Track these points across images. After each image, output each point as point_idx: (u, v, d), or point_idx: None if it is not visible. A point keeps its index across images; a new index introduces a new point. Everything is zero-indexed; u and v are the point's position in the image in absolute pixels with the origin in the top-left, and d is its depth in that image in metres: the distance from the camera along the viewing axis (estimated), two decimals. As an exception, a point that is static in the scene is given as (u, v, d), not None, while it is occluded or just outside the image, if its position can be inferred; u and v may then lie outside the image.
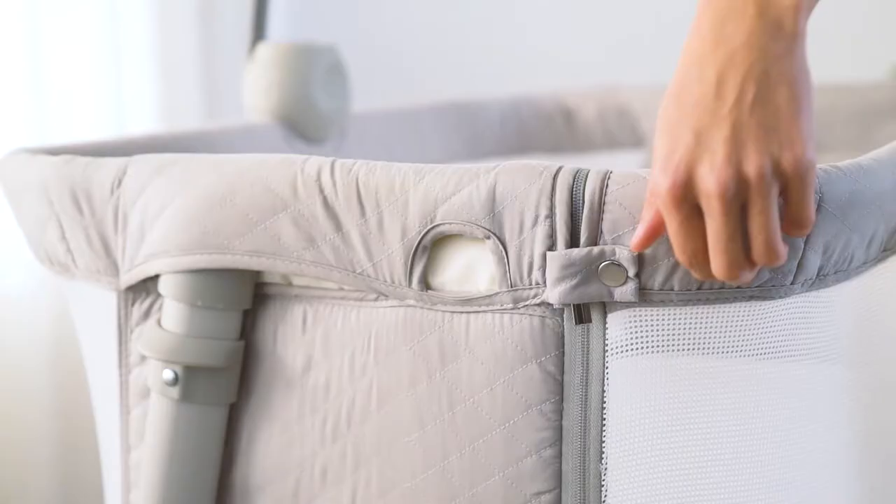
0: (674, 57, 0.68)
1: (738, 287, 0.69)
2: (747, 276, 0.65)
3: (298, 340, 0.79)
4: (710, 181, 0.63)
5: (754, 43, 0.64)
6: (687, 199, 0.64)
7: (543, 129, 1.46)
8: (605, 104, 1.49)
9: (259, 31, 1.17)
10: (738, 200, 0.63)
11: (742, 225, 0.64)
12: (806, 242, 0.69)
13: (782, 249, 0.65)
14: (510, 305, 0.72)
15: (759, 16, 0.65)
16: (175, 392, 0.80)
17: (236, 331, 0.80)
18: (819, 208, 0.68)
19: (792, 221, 0.65)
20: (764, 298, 0.70)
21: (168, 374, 0.80)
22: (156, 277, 0.82)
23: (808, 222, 0.65)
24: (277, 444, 0.80)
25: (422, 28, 2.11)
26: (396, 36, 2.08)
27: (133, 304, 0.83)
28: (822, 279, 0.72)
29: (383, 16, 2.05)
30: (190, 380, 0.80)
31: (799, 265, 0.70)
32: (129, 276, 0.82)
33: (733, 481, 0.72)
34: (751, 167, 0.63)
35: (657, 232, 0.67)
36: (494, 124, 1.42)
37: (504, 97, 1.46)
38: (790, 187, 0.64)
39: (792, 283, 0.70)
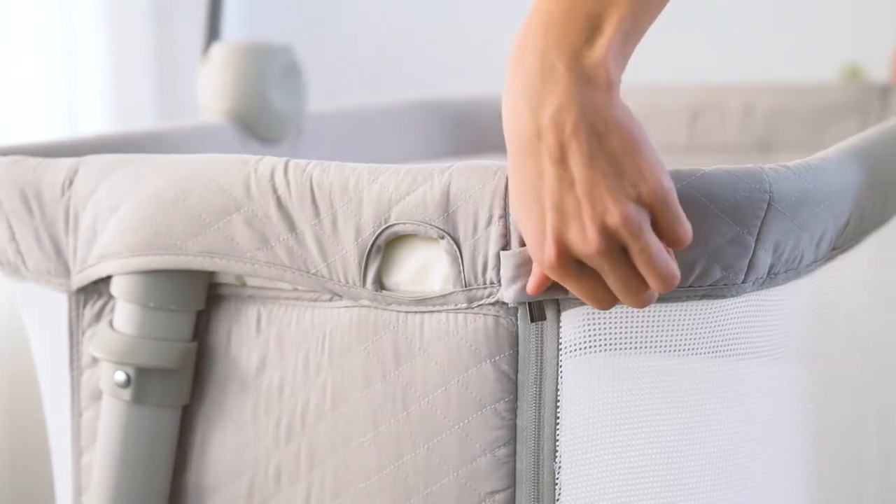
0: (632, 56, 0.68)
1: (690, 287, 0.70)
2: (654, 297, 0.67)
3: (252, 341, 0.79)
4: (584, 245, 0.64)
5: (573, 101, 0.64)
6: (573, 264, 0.66)
7: (500, 129, 1.46)
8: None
9: (213, 31, 1.17)
10: (616, 248, 0.65)
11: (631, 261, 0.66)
12: (756, 241, 0.70)
13: (674, 272, 0.65)
14: (464, 305, 0.72)
15: (569, 71, 0.64)
16: (127, 394, 0.80)
17: (189, 332, 0.80)
18: (769, 207, 0.69)
19: (671, 241, 0.66)
20: (716, 297, 0.71)
21: (120, 376, 0.79)
22: (108, 279, 0.81)
23: (687, 236, 0.66)
24: (231, 446, 0.80)
25: (379, 28, 2.11)
26: (353, 36, 2.08)
27: (85, 306, 0.83)
28: (772, 278, 0.73)
29: (340, 16, 2.05)
30: (142, 382, 0.79)
31: (750, 264, 0.70)
32: (81, 278, 0.82)
33: (685, 479, 0.72)
34: (614, 218, 0.64)
35: (547, 279, 0.69)
36: (452, 124, 1.43)
37: (461, 97, 1.46)
38: (657, 216, 0.65)
39: (743, 282, 0.71)
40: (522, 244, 0.70)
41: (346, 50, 2.03)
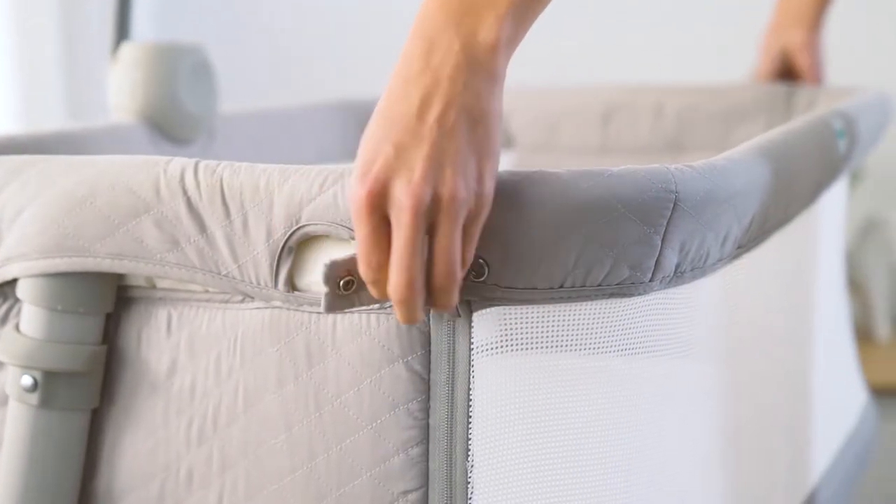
0: (544, 58, 0.70)
1: (598, 286, 0.71)
2: (417, 310, 0.67)
3: (163, 344, 0.79)
4: (405, 194, 0.65)
5: (458, 77, 0.67)
6: (379, 209, 0.66)
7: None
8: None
9: (122, 30, 1.15)
10: (427, 219, 0.65)
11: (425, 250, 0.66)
12: (663, 241, 0.71)
13: (457, 273, 0.66)
14: (377, 305, 0.72)
15: (464, 51, 0.67)
16: (34, 398, 0.78)
17: (98, 335, 0.79)
18: (675, 207, 0.70)
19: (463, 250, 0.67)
20: (624, 296, 0.72)
21: (27, 380, 0.78)
22: (14, 281, 0.80)
23: (467, 261, 0.67)
24: (142, 449, 0.79)
25: (294, 28, 2.10)
26: (267, 36, 2.07)
27: (-10, 309, 0.82)
28: (679, 276, 0.74)
29: (253, 16, 2.04)
30: (50, 385, 0.78)
31: (657, 263, 0.71)
32: (-14, 281, 0.80)
33: (597, 478, 0.73)
34: (446, 189, 0.65)
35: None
36: (366, 125, 1.42)
37: (375, 98, 1.46)
38: (468, 223, 0.66)
39: (650, 281, 0.72)
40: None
41: (260, 50, 2.02)
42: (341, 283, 0.69)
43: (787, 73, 1.41)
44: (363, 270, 0.67)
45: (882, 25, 2.11)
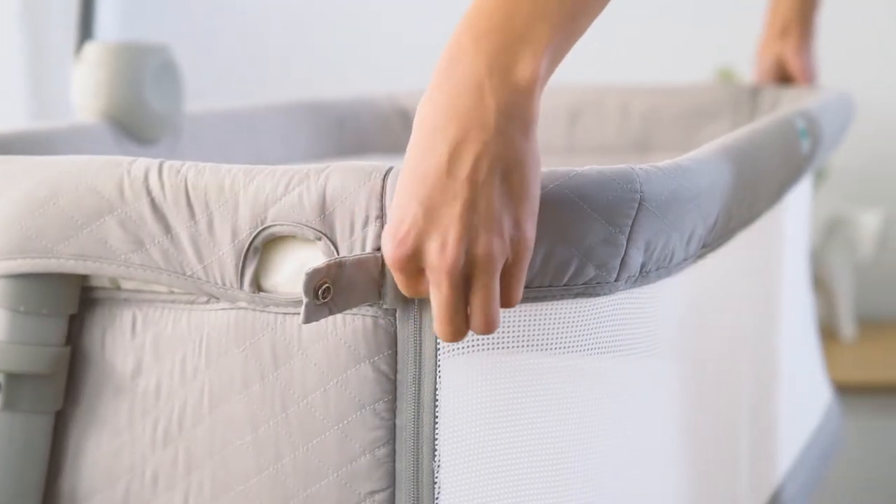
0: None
1: (564, 285, 0.71)
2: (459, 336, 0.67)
3: (128, 345, 0.78)
4: (439, 259, 0.64)
5: (489, 123, 0.63)
6: (412, 266, 0.65)
7: (381, 130, 1.47)
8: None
9: (87, 29, 1.14)
10: (465, 276, 0.65)
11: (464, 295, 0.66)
12: (628, 240, 0.71)
13: (497, 321, 0.66)
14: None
15: (496, 94, 0.64)
16: (-3, 400, 0.78)
17: (62, 336, 0.79)
18: (640, 207, 0.70)
19: (505, 296, 0.66)
20: (590, 295, 0.72)
21: (-10, 383, 0.78)
22: (-24, 283, 0.79)
23: (516, 301, 0.66)
24: (107, 451, 0.79)
25: (260, 28, 2.09)
26: (233, 36, 2.06)
27: (-47, 311, 0.81)
28: (644, 276, 0.75)
29: (219, 15, 2.03)
30: (13, 387, 0.78)
31: (622, 263, 0.72)
32: (-52, 282, 0.80)
33: (562, 477, 0.73)
34: (480, 249, 0.64)
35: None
36: (333, 126, 1.42)
37: (342, 98, 1.46)
38: (509, 268, 0.65)
39: (616, 280, 0.72)
40: None
41: (227, 50, 2.01)
42: (319, 291, 0.68)
43: (783, 81, 1.42)
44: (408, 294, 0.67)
45: (852, 27, 2.12)
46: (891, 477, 1.77)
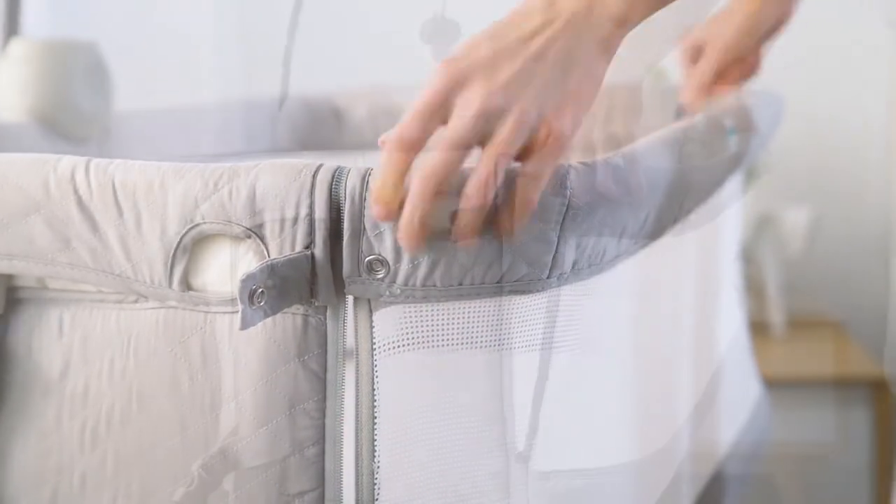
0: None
1: (497, 283, 0.71)
2: (413, 234, 0.67)
3: (55, 345, 0.77)
4: (478, 96, 0.66)
5: (575, 25, 0.69)
6: (446, 100, 0.66)
7: (316, 129, 1.46)
8: (376, 104, 1.50)
9: (12, 25, 1.13)
10: (485, 129, 0.66)
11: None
12: (559, 237, 0.71)
13: (491, 193, 0.67)
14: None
15: (589, 8, 0.69)
16: (-80, 403, 0.76)
17: (-14, 337, 0.77)
18: (570, 204, 0.71)
19: (521, 199, 0.68)
20: (522, 292, 0.72)
21: (-89, 385, 0.76)
22: None
23: (531, 206, 0.68)
24: (34, 453, 0.78)
25: (193, 26, 2.07)
26: (165, 33, 2.04)
27: None
28: (576, 273, 0.75)
29: (150, 12, 2.01)
30: (-64, 390, 0.76)
31: (554, 260, 0.72)
32: None
33: (499, 473, 0.73)
34: (517, 109, 0.66)
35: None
36: (267, 124, 1.41)
37: (276, 97, 1.45)
38: (537, 154, 0.67)
39: (548, 278, 0.73)
40: (329, 243, 0.70)
41: (159, 48, 1.99)
42: (254, 295, 0.68)
43: None
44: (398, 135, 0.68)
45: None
46: (817, 468, 1.80)
